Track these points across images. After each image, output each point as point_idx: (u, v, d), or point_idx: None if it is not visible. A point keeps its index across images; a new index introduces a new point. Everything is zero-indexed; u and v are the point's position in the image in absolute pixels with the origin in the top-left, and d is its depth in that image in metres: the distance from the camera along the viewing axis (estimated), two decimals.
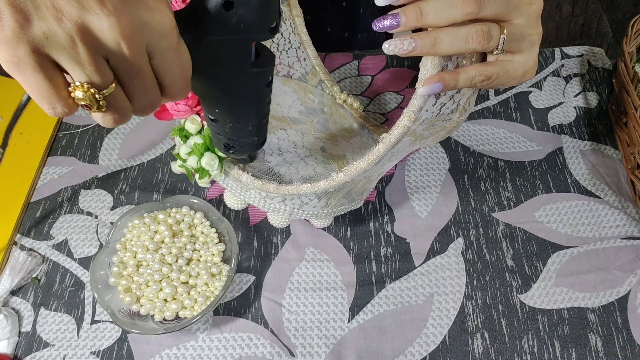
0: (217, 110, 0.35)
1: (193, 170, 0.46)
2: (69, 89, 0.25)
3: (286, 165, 0.49)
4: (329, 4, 0.72)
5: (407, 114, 0.34)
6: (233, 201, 0.52)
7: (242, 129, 0.36)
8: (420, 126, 0.39)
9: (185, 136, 0.45)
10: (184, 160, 0.46)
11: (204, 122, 0.45)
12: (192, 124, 0.45)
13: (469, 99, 0.40)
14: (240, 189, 0.47)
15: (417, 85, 0.33)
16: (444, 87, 0.32)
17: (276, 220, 0.51)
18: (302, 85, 0.63)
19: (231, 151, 0.40)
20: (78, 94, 0.25)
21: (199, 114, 0.45)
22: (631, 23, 0.62)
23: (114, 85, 0.26)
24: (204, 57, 0.29)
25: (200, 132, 0.45)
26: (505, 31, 0.33)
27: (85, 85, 0.25)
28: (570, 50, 0.71)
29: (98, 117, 0.28)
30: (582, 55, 0.70)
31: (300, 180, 0.43)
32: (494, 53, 0.34)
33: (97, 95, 0.25)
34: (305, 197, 0.45)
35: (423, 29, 0.32)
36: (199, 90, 0.33)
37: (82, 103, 0.26)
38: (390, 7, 0.32)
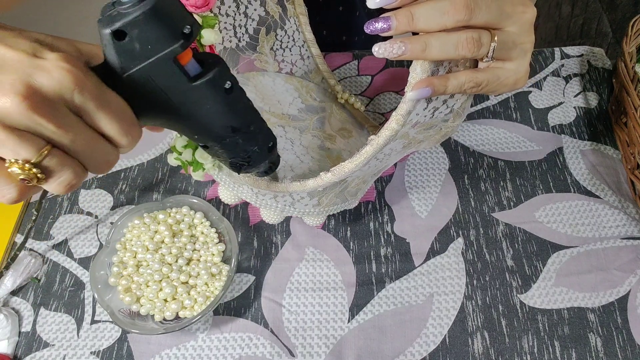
0: (195, 137, 0.32)
1: (187, 163, 0.46)
2: (6, 166, 0.25)
3: (281, 163, 0.48)
4: (326, 6, 0.72)
5: (396, 118, 0.34)
6: (227, 195, 0.52)
7: (232, 145, 0.33)
8: (412, 129, 0.39)
9: None
10: (180, 153, 0.46)
11: None
12: None
13: (463, 104, 0.40)
14: (234, 184, 0.47)
15: (406, 89, 0.33)
16: (433, 92, 0.32)
17: (269, 216, 0.50)
18: (304, 83, 0.63)
19: (243, 169, 0.36)
20: (14, 169, 0.24)
21: None
22: (631, 23, 0.62)
23: (46, 151, 0.25)
24: (137, 92, 0.27)
25: None
26: (496, 39, 0.33)
27: (19, 161, 0.24)
28: (570, 50, 0.71)
29: (47, 187, 0.27)
30: (582, 55, 0.70)
31: (292, 178, 0.43)
32: (484, 60, 0.34)
33: (33, 170, 0.25)
34: (297, 195, 0.45)
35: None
36: (160, 123, 0.31)
37: (22, 177, 0.25)
38: (383, 10, 0.32)
